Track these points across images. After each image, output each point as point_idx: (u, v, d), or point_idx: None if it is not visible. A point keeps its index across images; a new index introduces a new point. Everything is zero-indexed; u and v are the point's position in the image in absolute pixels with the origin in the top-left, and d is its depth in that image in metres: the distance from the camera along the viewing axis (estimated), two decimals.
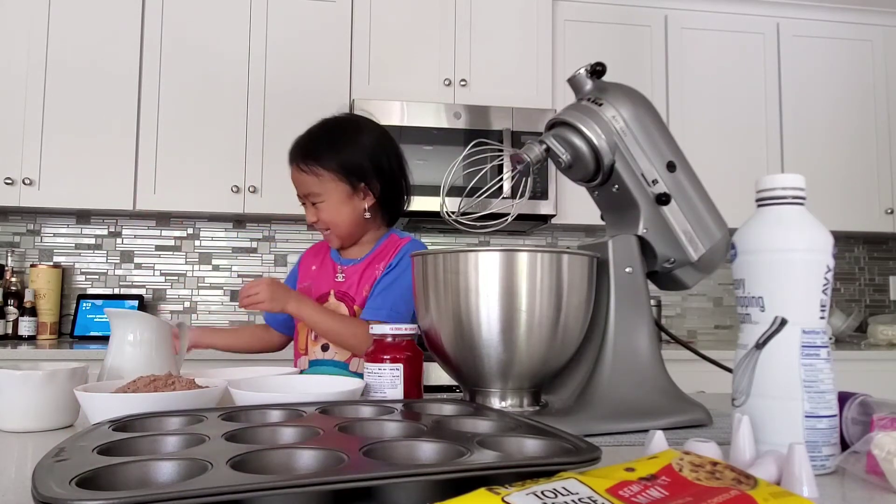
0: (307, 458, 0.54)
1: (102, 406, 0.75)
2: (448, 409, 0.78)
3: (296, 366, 1.41)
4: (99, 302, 2.84)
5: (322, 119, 1.41)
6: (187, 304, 2.98)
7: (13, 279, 2.79)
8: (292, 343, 1.48)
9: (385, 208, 1.43)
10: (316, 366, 1.37)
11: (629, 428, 0.85)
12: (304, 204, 1.40)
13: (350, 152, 1.35)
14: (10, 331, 2.72)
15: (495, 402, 0.89)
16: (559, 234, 3.27)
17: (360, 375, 1.29)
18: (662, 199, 0.93)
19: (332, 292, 1.38)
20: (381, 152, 1.39)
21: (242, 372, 1.08)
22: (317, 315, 1.30)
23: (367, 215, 1.38)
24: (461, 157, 0.99)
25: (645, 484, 0.45)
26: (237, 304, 1.22)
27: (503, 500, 0.42)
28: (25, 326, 2.72)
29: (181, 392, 0.79)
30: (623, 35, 3.02)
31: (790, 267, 0.65)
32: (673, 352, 2.17)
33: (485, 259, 0.84)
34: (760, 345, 0.65)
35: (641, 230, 0.94)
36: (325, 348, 1.36)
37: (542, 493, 0.43)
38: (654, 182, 0.94)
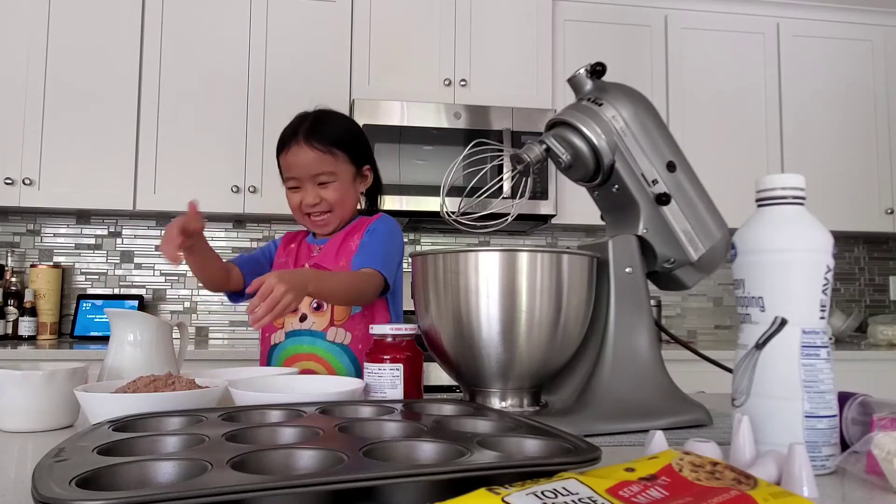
0: (307, 459, 0.54)
1: (102, 406, 0.75)
2: (448, 409, 0.78)
3: (267, 338, 1.36)
4: (99, 302, 2.84)
5: (314, 110, 1.42)
6: (187, 305, 2.98)
7: (13, 279, 2.79)
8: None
9: (369, 195, 1.48)
10: (293, 337, 1.32)
11: (629, 428, 0.85)
12: (295, 188, 1.36)
13: (358, 135, 1.42)
14: (10, 331, 2.72)
15: (495, 402, 0.89)
16: (559, 234, 3.27)
17: (338, 345, 1.31)
18: (662, 199, 0.93)
19: (306, 265, 1.38)
20: (367, 140, 1.45)
21: (242, 372, 1.08)
22: (332, 285, 1.19)
23: (362, 200, 1.43)
24: (461, 157, 0.99)
25: (645, 484, 0.45)
26: (248, 317, 1.09)
27: (503, 500, 0.42)
28: (25, 326, 2.72)
29: (181, 392, 0.79)
30: (623, 35, 3.02)
31: (790, 267, 0.65)
32: (673, 352, 2.17)
33: (485, 259, 0.84)
34: (760, 345, 0.65)
35: (641, 230, 0.94)
36: (302, 318, 1.32)
37: (542, 493, 0.43)
38: (654, 182, 0.94)
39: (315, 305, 1.32)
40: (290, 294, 0.99)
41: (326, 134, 1.35)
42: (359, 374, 1.27)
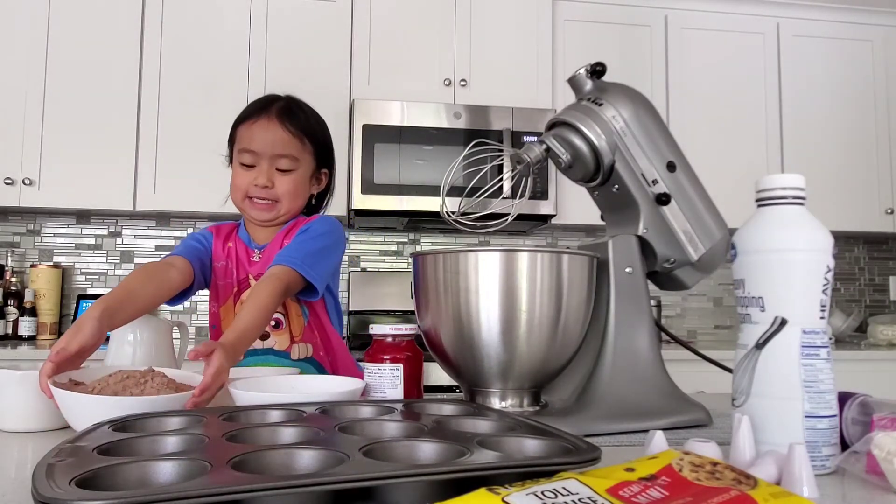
0: (307, 458, 0.54)
1: (69, 402, 0.75)
2: (448, 409, 0.78)
3: None
4: None
5: (284, 95, 1.33)
6: (187, 305, 2.98)
7: (13, 279, 2.79)
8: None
9: (318, 199, 1.37)
10: (257, 355, 1.25)
11: (629, 428, 0.85)
12: (248, 165, 1.24)
13: (328, 135, 1.33)
14: (10, 331, 2.72)
15: (495, 402, 0.89)
16: (559, 234, 3.27)
17: (303, 361, 1.25)
18: (662, 199, 0.93)
19: (249, 276, 1.29)
20: (333, 145, 1.36)
21: (243, 372, 1.08)
22: (250, 331, 1.04)
23: (313, 202, 1.35)
24: (461, 157, 0.99)
25: (645, 484, 0.45)
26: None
27: (503, 500, 0.42)
28: (25, 326, 2.72)
29: (148, 398, 0.76)
30: (623, 35, 3.02)
31: (790, 267, 0.65)
32: (673, 352, 2.17)
33: (485, 259, 0.84)
34: (760, 345, 0.65)
35: (641, 230, 0.94)
36: (263, 336, 1.25)
37: (542, 493, 0.43)
38: (654, 182, 0.94)
39: (274, 324, 1.25)
40: (225, 375, 0.88)
41: (301, 120, 1.26)
42: None
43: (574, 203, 2.84)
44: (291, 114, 1.26)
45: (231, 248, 1.31)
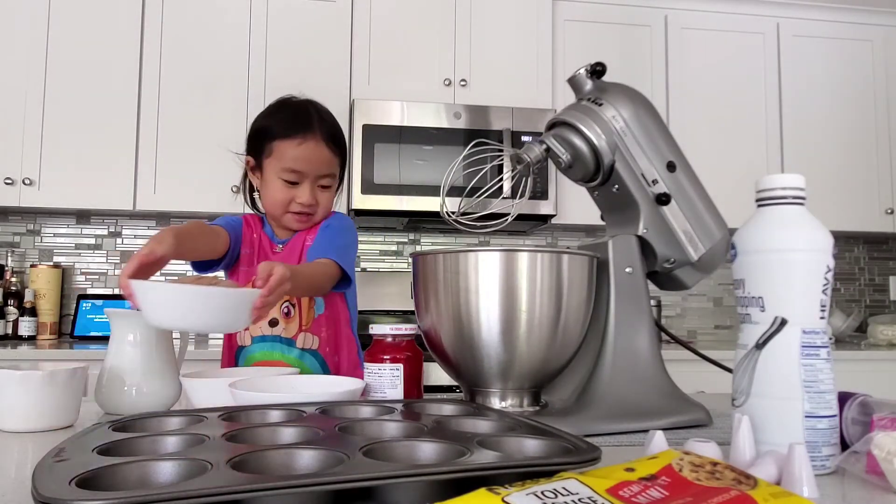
0: (307, 458, 0.54)
1: (147, 292, 0.85)
2: (448, 409, 0.78)
3: (233, 339, 1.30)
4: (99, 302, 2.84)
5: (304, 98, 1.35)
6: None
7: (13, 279, 2.79)
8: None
9: None
10: (263, 342, 1.28)
11: (629, 428, 0.85)
12: (292, 182, 1.27)
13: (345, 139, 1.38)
14: (10, 331, 2.72)
15: (495, 402, 0.89)
16: (559, 234, 3.27)
17: (308, 351, 1.28)
18: (662, 199, 0.93)
19: None
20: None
21: (243, 372, 1.08)
22: (300, 279, 1.08)
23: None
24: (461, 157, 0.99)
25: (645, 484, 0.45)
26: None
27: (503, 500, 0.42)
28: (25, 326, 2.72)
29: (228, 289, 0.88)
30: (623, 35, 3.02)
31: (790, 267, 0.65)
32: (673, 352, 2.17)
33: (485, 259, 0.84)
34: (760, 345, 0.65)
35: (641, 230, 0.94)
36: (272, 323, 1.27)
37: (542, 493, 0.43)
38: (654, 182, 0.94)
39: (286, 311, 1.28)
40: (287, 285, 0.97)
41: (338, 135, 1.32)
42: None
43: (574, 203, 2.84)
44: (331, 128, 1.31)
45: (256, 238, 1.36)
